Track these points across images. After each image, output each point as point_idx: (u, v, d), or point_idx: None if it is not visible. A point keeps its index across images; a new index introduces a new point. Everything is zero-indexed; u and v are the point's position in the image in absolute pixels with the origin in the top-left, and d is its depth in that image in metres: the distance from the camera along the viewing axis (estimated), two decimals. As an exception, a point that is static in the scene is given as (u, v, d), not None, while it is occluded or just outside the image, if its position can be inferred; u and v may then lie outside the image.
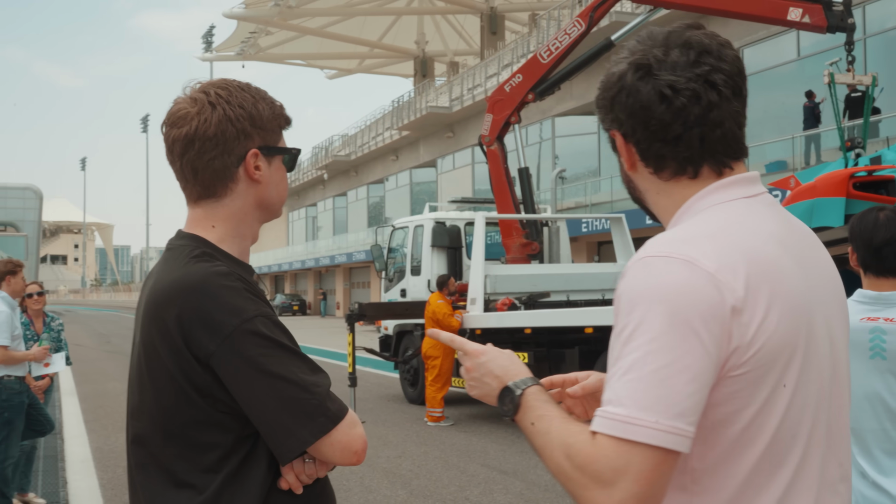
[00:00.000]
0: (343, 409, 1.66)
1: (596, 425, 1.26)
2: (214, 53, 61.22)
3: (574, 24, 12.23)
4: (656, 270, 1.31)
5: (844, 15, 9.99)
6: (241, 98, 1.76)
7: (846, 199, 8.39)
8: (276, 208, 1.86)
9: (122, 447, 9.63)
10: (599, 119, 1.55)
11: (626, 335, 1.28)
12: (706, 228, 1.37)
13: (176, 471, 1.68)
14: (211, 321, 1.61)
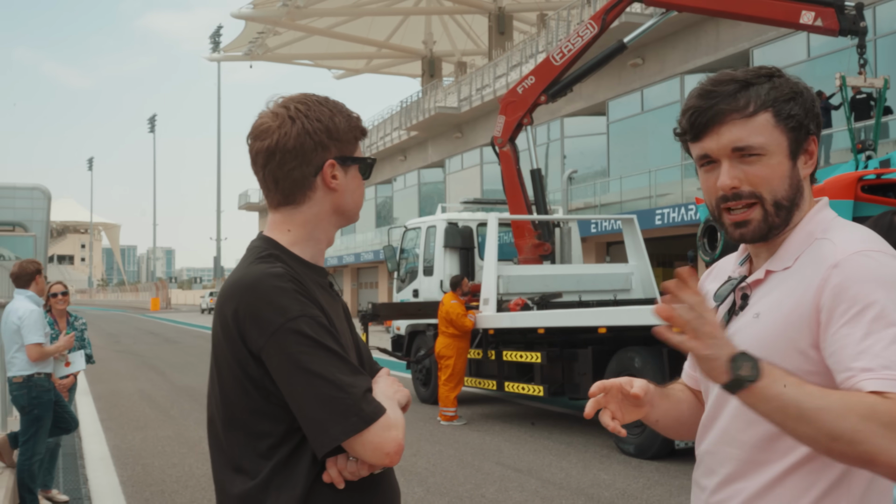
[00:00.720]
0: (378, 412, 1.74)
1: (891, 386, 1.42)
2: (222, 53, 61.36)
3: (587, 27, 12.31)
4: (883, 261, 1.56)
5: (857, 18, 10.06)
6: (318, 112, 1.88)
7: (854, 201, 8.46)
8: (352, 214, 1.97)
9: (139, 445, 9.76)
10: (802, 120, 1.67)
11: (874, 313, 1.48)
12: (867, 231, 1.67)
13: (234, 455, 1.82)
14: (260, 318, 1.74)
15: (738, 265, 1.83)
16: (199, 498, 7.32)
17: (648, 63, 26.69)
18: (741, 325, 1.70)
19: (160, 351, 25.54)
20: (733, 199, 1.67)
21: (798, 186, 1.69)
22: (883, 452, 1.39)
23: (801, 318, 1.59)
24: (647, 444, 8.58)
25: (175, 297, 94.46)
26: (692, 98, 1.70)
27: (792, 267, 1.67)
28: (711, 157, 1.68)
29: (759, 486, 1.64)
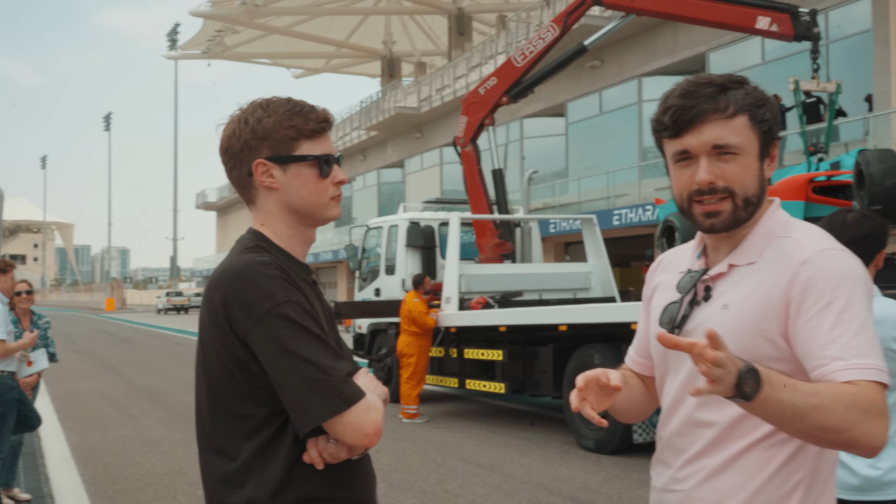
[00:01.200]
0: (359, 395, 1.82)
1: (863, 375, 1.60)
2: (180, 51, 60.84)
3: (548, 29, 12.46)
4: (845, 258, 1.73)
5: (811, 24, 10.30)
6: (251, 114, 1.97)
7: (805, 202, 8.69)
8: (308, 211, 2.01)
9: (100, 444, 9.72)
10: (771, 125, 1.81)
11: (840, 306, 1.65)
12: (823, 231, 1.82)
13: (217, 437, 1.91)
14: (248, 303, 1.82)
15: (695, 258, 1.94)
16: (163, 495, 7.32)
17: (607, 65, 26.99)
18: (708, 314, 1.81)
19: (117, 351, 25.31)
20: (709, 194, 1.78)
21: (764, 186, 1.82)
22: (864, 436, 1.56)
23: (770, 309, 1.72)
24: (607, 440, 8.74)
25: (130, 298, 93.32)
26: (674, 97, 1.80)
27: (757, 262, 1.78)
28: (690, 153, 1.79)
29: (721, 462, 1.77)
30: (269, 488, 1.84)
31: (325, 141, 2.01)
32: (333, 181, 2.02)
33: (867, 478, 3.08)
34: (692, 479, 1.81)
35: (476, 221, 12.73)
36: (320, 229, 9.33)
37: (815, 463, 1.76)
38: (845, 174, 8.88)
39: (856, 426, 1.55)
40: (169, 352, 24.55)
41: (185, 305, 60.86)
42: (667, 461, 1.89)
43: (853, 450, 1.59)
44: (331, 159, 2.01)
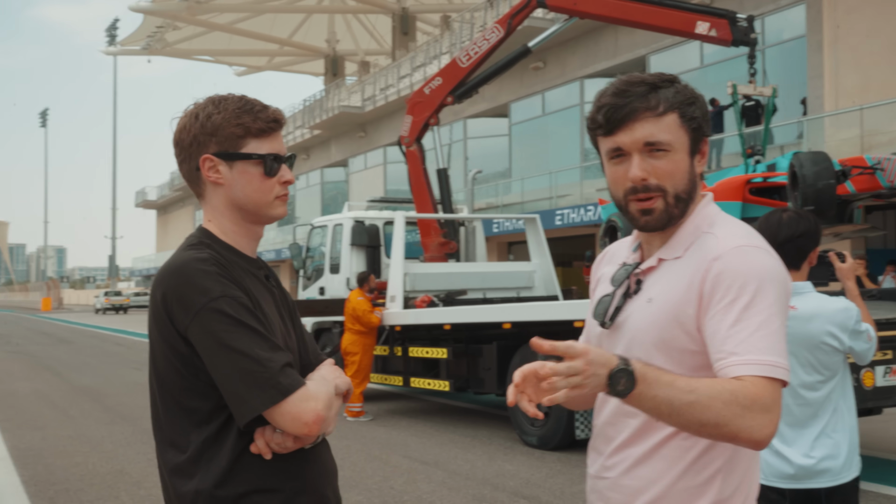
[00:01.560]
0: (296, 384, 1.87)
1: (753, 370, 1.65)
2: (119, 47, 59.93)
3: (493, 30, 12.58)
4: (757, 255, 1.77)
5: (748, 30, 10.57)
6: (202, 109, 2.01)
7: (742, 203, 8.92)
8: (251, 208, 2.03)
9: (39, 445, 9.58)
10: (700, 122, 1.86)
11: (744, 302, 1.71)
12: (747, 227, 1.86)
13: (168, 430, 1.97)
14: (185, 299, 1.88)
15: (631, 252, 2.00)
16: (105, 495, 7.26)
17: (550, 67, 27.26)
18: (635, 307, 1.89)
19: (55, 351, 24.84)
20: (642, 191, 1.83)
21: (694, 182, 1.87)
22: (743, 430, 1.62)
23: (687, 303, 1.79)
24: (549, 436, 8.87)
25: (67, 297, 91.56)
26: (606, 96, 1.84)
27: (682, 257, 1.85)
28: (623, 150, 1.83)
29: (645, 451, 1.84)
30: (215, 478, 1.89)
31: (275, 140, 2.04)
32: (280, 180, 2.05)
33: (801, 466, 3.21)
34: (619, 467, 1.88)
35: (421, 220, 12.80)
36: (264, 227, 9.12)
37: (732, 454, 1.82)
38: (781, 176, 9.12)
39: (733, 421, 1.61)
40: (108, 352, 24.18)
41: (124, 305, 59.91)
42: (599, 449, 1.96)
43: (737, 443, 1.66)
44: (278, 158, 2.03)
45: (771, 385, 1.65)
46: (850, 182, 8.46)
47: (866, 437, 8.83)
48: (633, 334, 1.87)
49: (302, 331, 2.20)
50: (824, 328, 3.25)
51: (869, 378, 6.71)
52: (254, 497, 1.91)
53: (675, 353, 1.81)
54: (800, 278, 3.36)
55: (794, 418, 3.27)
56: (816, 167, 8.09)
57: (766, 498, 3.27)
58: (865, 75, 18.24)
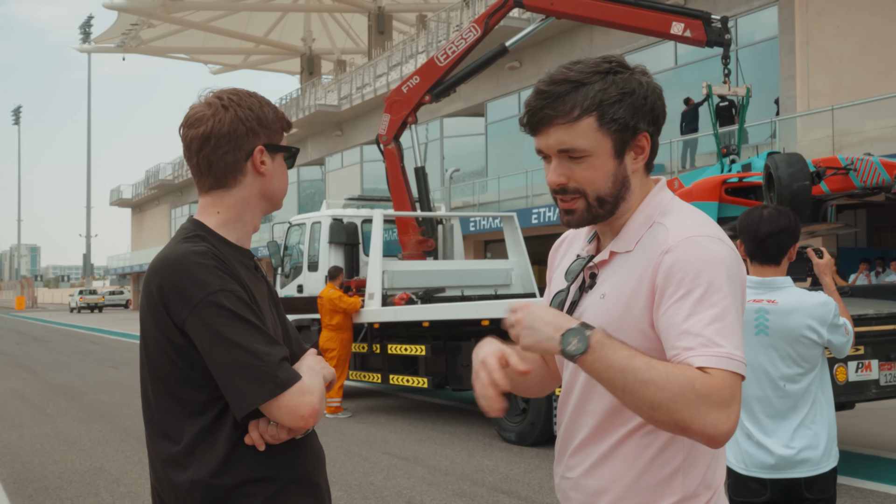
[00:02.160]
0: (293, 378, 1.91)
1: (711, 362, 1.59)
2: (93, 45, 59.45)
3: (470, 30, 12.66)
4: (709, 245, 1.70)
5: (722, 31, 10.71)
6: (249, 102, 2.06)
7: (719, 203, 9.03)
8: (277, 199, 2.15)
9: (16, 443, 9.55)
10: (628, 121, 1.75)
11: (697, 295, 1.64)
12: (700, 215, 1.80)
13: (161, 421, 2.00)
14: (183, 292, 1.91)
15: (586, 242, 1.95)
16: (84, 492, 7.27)
17: (525, 66, 27.37)
18: (589, 303, 1.84)
19: (30, 350, 24.67)
20: (561, 193, 1.80)
21: (623, 182, 1.79)
22: (694, 420, 1.56)
23: (639, 299, 1.73)
24: (528, 432, 8.96)
25: (42, 296, 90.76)
26: (531, 95, 1.79)
27: (633, 250, 1.79)
28: (544, 152, 1.81)
29: (604, 450, 1.81)
30: (211, 469, 1.93)
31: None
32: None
33: (782, 457, 3.30)
34: (580, 467, 1.86)
35: (399, 218, 12.86)
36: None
37: (691, 449, 1.78)
38: (756, 176, 9.24)
39: (686, 409, 1.55)
40: (84, 350, 24.04)
41: (99, 304, 59.45)
42: (561, 448, 1.94)
43: (686, 434, 1.59)
44: (297, 152, 2.18)
45: (730, 378, 1.59)
46: (825, 182, 8.58)
47: (839, 432, 9.00)
48: None
49: (286, 321, 2.23)
50: (804, 322, 3.33)
51: (841, 373, 6.82)
52: (249, 486, 1.95)
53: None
54: (779, 273, 3.43)
55: (774, 410, 3.35)
56: (791, 168, 8.19)
57: (746, 488, 3.37)
58: (836, 76, 18.48)
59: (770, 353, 3.35)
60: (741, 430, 3.38)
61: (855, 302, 7.90)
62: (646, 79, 1.79)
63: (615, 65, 1.77)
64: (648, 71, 1.84)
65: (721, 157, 10.48)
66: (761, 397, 3.36)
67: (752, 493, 3.37)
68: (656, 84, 1.83)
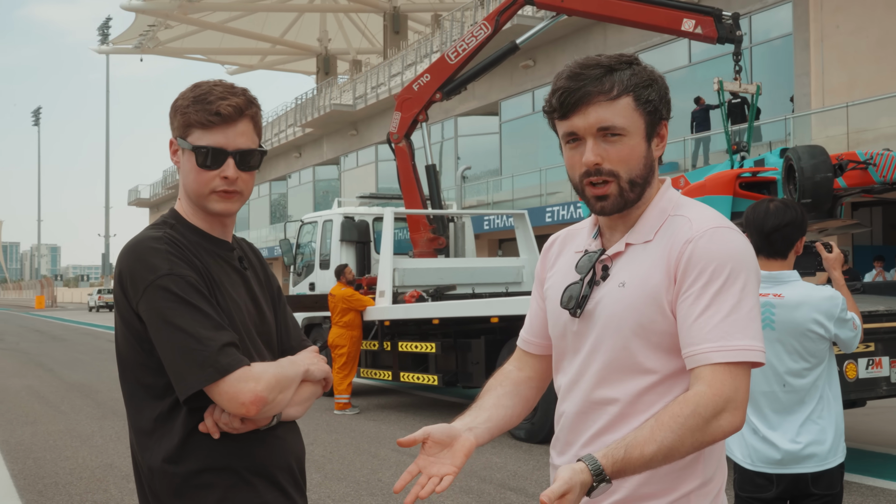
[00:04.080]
0: (235, 364, 1.88)
1: (719, 357, 1.69)
2: (111, 46, 59.80)
3: (481, 27, 12.66)
4: (731, 237, 1.77)
5: (733, 28, 10.66)
6: (185, 93, 2.05)
7: (733, 197, 8.99)
8: (192, 198, 2.06)
9: (29, 440, 9.62)
10: (657, 105, 1.84)
11: (716, 287, 1.72)
12: (713, 210, 1.86)
13: (130, 407, 2.03)
14: (135, 276, 1.93)
15: (591, 239, 1.96)
16: (94, 489, 7.31)
17: (539, 65, 27.33)
18: (606, 292, 1.84)
19: (47, 348, 24.84)
20: (595, 175, 1.80)
21: (651, 166, 1.85)
22: (717, 435, 1.69)
23: (661, 285, 1.77)
24: (537, 430, 8.96)
25: (61, 296, 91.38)
26: (561, 79, 1.81)
27: (653, 240, 1.82)
28: (578, 134, 1.80)
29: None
30: (166, 454, 1.94)
31: (221, 133, 2.00)
32: (220, 175, 2.01)
33: (788, 452, 3.27)
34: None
35: (410, 216, 12.88)
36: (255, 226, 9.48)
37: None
38: (770, 171, 9.21)
39: (707, 435, 1.67)
40: (101, 349, 24.18)
41: (117, 303, 59.68)
42: (568, 439, 1.93)
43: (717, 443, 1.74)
44: (221, 152, 2.00)
45: (733, 371, 1.68)
46: (842, 177, 8.52)
47: (849, 429, 8.93)
48: (606, 320, 1.83)
49: (285, 316, 2.21)
50: (811, 316, 3.30)
51: (851, 370, 6.77)
52: (205, 475, 1.94)
53: (654, 336, 1.78)
54: (786, 267, 3.41)
55: (780, 405, 3.32)
56: (814, 160, 8.12)
57: (753, 483, 3.35)
58: (851, 73, 18.35)
59: (776, 348, 3.33)
60: (747, 426, 3.36)
61: (866, 298, 7.84)
62: (660, 74, 1.88)
63: (634, 58, 1.85)
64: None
65: (731, 154, 10.45)
66: (767, 392, 3.33)
67: (758, 489, 3.35)
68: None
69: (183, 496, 1.94)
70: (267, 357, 2.08)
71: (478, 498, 6.81)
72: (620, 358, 1.81)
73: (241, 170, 2.03)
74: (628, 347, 1.80)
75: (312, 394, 2.10)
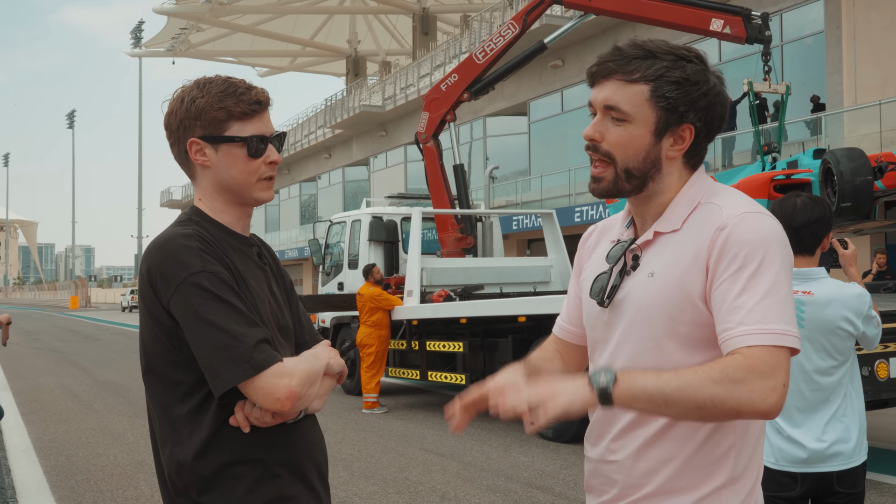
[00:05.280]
0: (270, 361, 1.90)
1: (754, 340, 1.62)
2: (144, 49, 60.40)
3: (508, 27, 12.66)
4: (762, 221, 1.72)
5: (762, 28, 10.58)
6: (188, 93, 2.06)
7: (768, 200, 8.95)
8: (238, 190, 2.09)
9: (62, 437, 9.75)
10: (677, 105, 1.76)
11: (751, 271, 1.67)
12: (746, 196, 1.81)
13: (155, 403, 2.04)
14: (167, 273, 1.94)
15: (623, 228, 1.93)
16: (125, 485, 7.40)
17: (568, 65, 27.26)
18: (636, 283, 1.82)
19: (81, 348, 25.14)
20: (592, 150, 1.81)
21: (655, 162, 1.80)
22: (743, 403, 1.58)
23: (693, 274, 1.73)
24: (565, 429, 8.94)
25: (95, 296, 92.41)
26: (607, 51, 1.82)
27: (681, 229, 1.78)
28: (592, 106, 1.82)
29: (654, 431, 1.79)
30: (195, 450, 1.95)
31: (259, 121, 2.07)
32: (266, 161, 2.07)
33: (814, 451, 3.25)
34: (626, 449, 1.83)
35: (438, 216, 12.91)
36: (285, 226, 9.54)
37: (744, 429, 1.80)
38: (804, 173, 9.14)
39: (731, 396, 1.58)
40: (133, 348, 24.41)
41: (149, 304, 60.16)
42: (600, 432, 1.90)
43: (743, 417, 1.63)
44: (263, 139, 2.07)
45: (772, 352, 1.61)
46: (880, 180, 8.45)
47: (881, 429, 8.84)
48: (635, 311, 1.81)
49: (298, 310, 2.24)
50: (840, 313, 3.28)
51: (883, 369, 6.71)
52: (235, 468, 1.97)
53: (683, 327, 1.75)
54: (813, 264, 3.39)
55: (806, 403, 3.30)
56: (853, 163, 8.04)
57: (777, 482, 3.32)
58: (884, 70, 18.15)
59: (804, 346, 3.28)
60: (770, 425, 3.34)
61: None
62: (717, 81, 1.80)
63: (693, 55, 1.79)
64: (724, 80, 1.85)
65: (763, 155, 10.38)
66: (794, 390, 3.30)
67: (782, 488, 3.33)
68: (725, 93, 1.83)
69: (211, 489, 1.96)
70: (289, 351, 2.10)
71: (504, 496, 6.82)
72: (649, 349, 1.79)
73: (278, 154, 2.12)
74: (656, 339, 1.77)
75: (331, 387, 2.13)
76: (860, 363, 6.18)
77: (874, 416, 8.14)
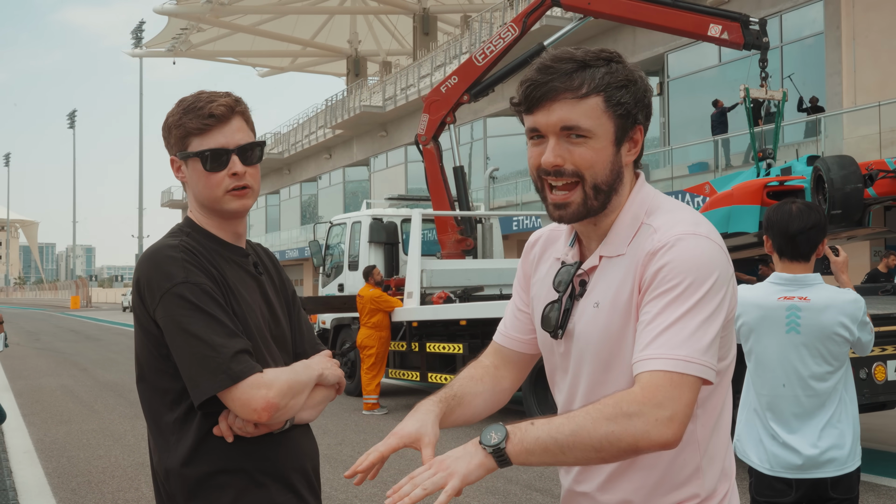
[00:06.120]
0: (248, 371, 1.93)
1: (657, 365, 1.55)
2: (144, 49, 60.39)
3: (508, 29, 12.69)
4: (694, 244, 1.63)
5: (760, 34, 10.62)
6: (172, 112, 2.12)
7: (761, 206, 8.96)
8: (208, 204, 2.12)
9: (63, 439, 9.77)
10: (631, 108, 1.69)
11: (672, 296, 1.60)
12: (687, 211, 1.74)
13: (148, 410, 2.10)
14: (152, 284, 2.00)
15: (567, 247, 1.85)
16: (126, 487, 7.42)
17: (569, 66, 27.24)
18: (582, 312, 1.77)
19: (82, 348, 25.15)
20: (555, 175, 1.69)
21: (618, 172, 1.72)
22: (639, 438, 1.52)
23: (632, 303, 1.68)
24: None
25: (96, 296, 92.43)
26: (531, 71, 1.70)
27: (626, 254, 1.71)
28: (540, 131, 1.70)
29: (619, 463, 1.75)
30: (181, 457, 2.00)
31: (219, 134, 2.06)
32: (228, 173, 2.07)
33: (809, 457, 3.28)
34: (594, 481, 1.80)
35: (438, 217, 12.94)
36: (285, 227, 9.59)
37: (706, 448, 1.76)
38: (797, 179, 9.16)
39: (627, 432, 1.51)
40: (134, 348, 24.46)
41: (150, 304, 60.12)
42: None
43: (642, 453, 1.55)
44: (219, 152, 2.06)
45: (673, 379, 1.54)
46: (872, 187, 8.47)
47: (878, 431, 8.86)
48: (584, 344, 1.76)
49: (299, 320, 2.27)
50: (837, 319, 3.30)
51: (881, 372, 6.72)
52: (220, 477, 2.00)
53: (631, 357, 1.67)
54: (808, 270, 3.39)
55: (802, 409, 3.32)
56: (844, 171, 8.06)
57: (771, 488, 3.35)
58: (884, 71, 18.17)
59: (801, 351, 3.32)
60: (765, 431, 3.37)
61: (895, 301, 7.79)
62: (641, 75, 1.74)
63: (615, 55, 1.71)
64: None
65: (757, 161, 10.41)
66: (790, 396, 3.33)
67: (777, 494, 3.35)
68: (649, 83, 1.80)
69: (197, 497, 2.00)
70: (282, 360, 2.12)
71: (504, 498, 6.85)
72: (603, 381, 1.74)
73: (246, 164, 2.09)
74: (610, 368, 1.73)
75: (325, 397, 2.15)
76: (858, 366, 6.20)
77: (871, 417, 8.16)
